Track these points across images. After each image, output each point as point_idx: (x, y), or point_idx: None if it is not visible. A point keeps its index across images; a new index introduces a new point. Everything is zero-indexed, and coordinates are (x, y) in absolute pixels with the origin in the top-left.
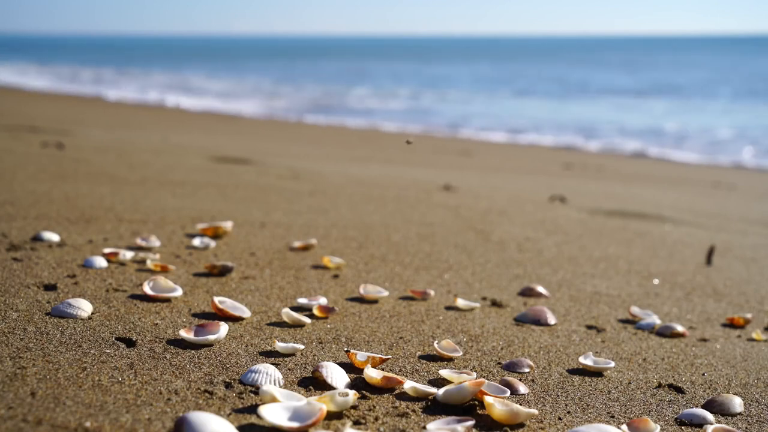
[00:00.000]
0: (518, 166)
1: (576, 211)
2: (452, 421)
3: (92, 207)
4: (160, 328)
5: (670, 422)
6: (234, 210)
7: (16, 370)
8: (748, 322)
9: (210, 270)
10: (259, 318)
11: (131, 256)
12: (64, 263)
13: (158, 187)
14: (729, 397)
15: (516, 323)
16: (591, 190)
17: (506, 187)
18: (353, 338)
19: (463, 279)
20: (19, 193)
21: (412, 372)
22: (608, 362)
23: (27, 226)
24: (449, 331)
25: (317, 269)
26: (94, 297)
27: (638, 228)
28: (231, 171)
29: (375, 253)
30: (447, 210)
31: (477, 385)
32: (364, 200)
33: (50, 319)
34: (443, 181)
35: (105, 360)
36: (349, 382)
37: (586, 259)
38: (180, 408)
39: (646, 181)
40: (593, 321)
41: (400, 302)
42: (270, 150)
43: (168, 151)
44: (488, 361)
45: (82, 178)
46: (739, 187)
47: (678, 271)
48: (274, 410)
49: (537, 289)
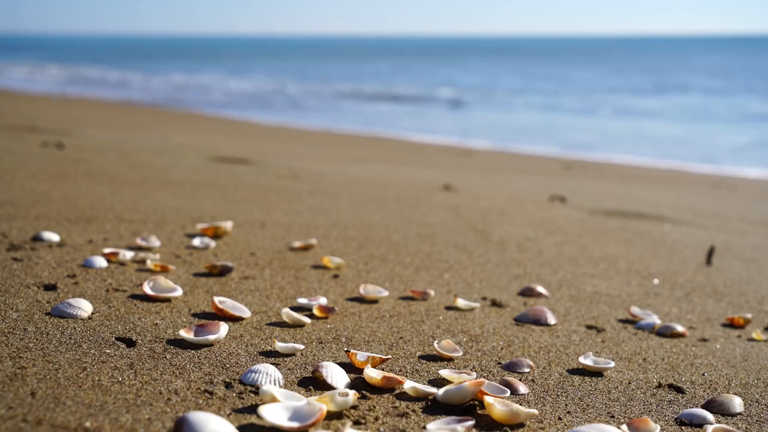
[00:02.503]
0: (518, 166)
1: (576, 211)
2: (452, 421)
3: (92, 207)
4: (160, 328)
5: (670, 422)
6: (234, 210)
7: (16, 370)
8: (748, 322)
9: (210, 270)
10: (259, 318)
11: (131, 256)
12: (64, 263)
13: (158, 187)
14: (729, 397)
15: (516, 323)
16: (591, 190)
17: (506, 187)
18: (353, 338)
19: (463, 279)
20: (19, 193)
21: (412, 372)
22: (608, 362)
23: (27, 226)
24: (449, 331)
25: (317, 269)
26: (94, 297)
27: (638, 228)
28: (231, 171)
29: (375, 253)
30: (447, 210)
31: (477, 385)
32: (364, 200)
33: (50, 319)
34: (443, 181)
35: (105, 360)
36: (349, 382)
37: (586, 259)
38: (180, 408)
39: (646, 181)
40: (593, 321)
41: (400, 302)
42: (270, 150)
43: (168, 151)
44: (488, 361)
45: (82, 178)
46: (739, 187)
47: (678, 271)
48: (274, 410)
49: (537, 289)
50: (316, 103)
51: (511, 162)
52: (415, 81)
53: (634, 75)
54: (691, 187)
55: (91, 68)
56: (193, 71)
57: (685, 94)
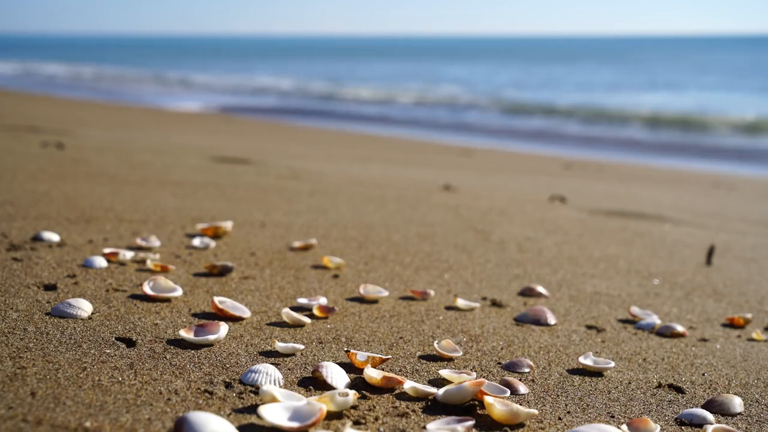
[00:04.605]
0: (518, 166)
1: (576, 211)
2: (452, 421)
3: (92, 207)
4: (160, 328)
5: (670, 422)
6: (234, 210)
7: (16, 370)
8: (748, 322)
9: (210, 270)
10: (259, 318)
11: (131, 256)
12: (64, 263)
13: (158, 187)
14: (729, 397)
15: (516, 323)
16: (591, 190)
17: (506, 187)
18: (353, 338)
19: (463, 279)
20: (19, 193)
21: (412, 372)
22: (608, 362)
23: (27, 226)
24: (449, 331)
25: (317, 269)
26: (94, 297)
27: (638, 228)
28: (231, 171)
29: (375, 253)
30: (447, 210)
31: (477, 385)
32: (364, 200)
33: (50, 319)
34: (443, 181)
35: (105, 360)
36: (349, 382)
37: (586, 259)
38: (180, 408)
39: (646, 181)
40: (593, 321)
41: (400, 302)
42: (270, 150)
43: (168, 151)
44: (488, 361)
45: (82, 178)
46: (739, 187)
47: (678, 271)
48: (274, 410)
49: (537, 289)
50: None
51: (511, 162)
52: (415, 82)
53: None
54: (691, 187)
55: (131, 70)
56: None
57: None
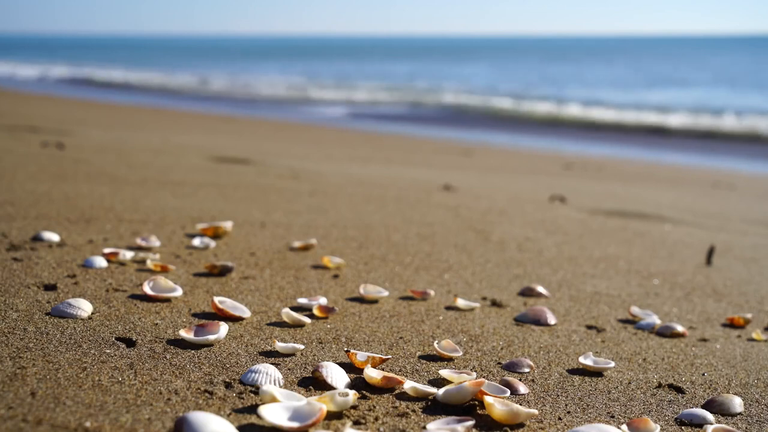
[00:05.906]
0: (518, 167)
1: (576, 211)
2: (452, 421)
3: (92, 207)
4: (160, 328)
5: (670, 422)
6: (234, 210)
7: (16, 370)
8: (748, 322)
9: (210, 270)
10: (259, 318)
11: (131, 256)
12: (64, 263)
13: (158, 187)
14: (729, 397)
15: (516, 323)
16: (591, 190)
17: (506, 187)
18: (353, 338)
19: (463, 279)
20: (19, 193)
21: (412, 372)
22: (608, 362)
23: (27, 226)
24: (449, 331)
25: (317, 269)
26: (94, 297)
27: (638, 228)
28: (231, 171)
29: (375, 253)
30: (447, 210)
31: (477, 385)
32: (364, 200)
33: (50, 319)
34: (443, 181)
35: (105, 360)
36: (349, 382)
37: (586, 259)
38: (180, 408)
39: (646, 181)
40: (593, 321)
41: (400, 302)
42: (270, 150)
43: (168, 151)
44: (488, 361)
45: (82, 178)
46: (739, 187)
47: (678, 271)
48: (274, 410)
49: (537, 289)
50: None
51: (511, 162)
52: (416, 81)
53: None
54: (691, 187)
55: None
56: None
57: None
